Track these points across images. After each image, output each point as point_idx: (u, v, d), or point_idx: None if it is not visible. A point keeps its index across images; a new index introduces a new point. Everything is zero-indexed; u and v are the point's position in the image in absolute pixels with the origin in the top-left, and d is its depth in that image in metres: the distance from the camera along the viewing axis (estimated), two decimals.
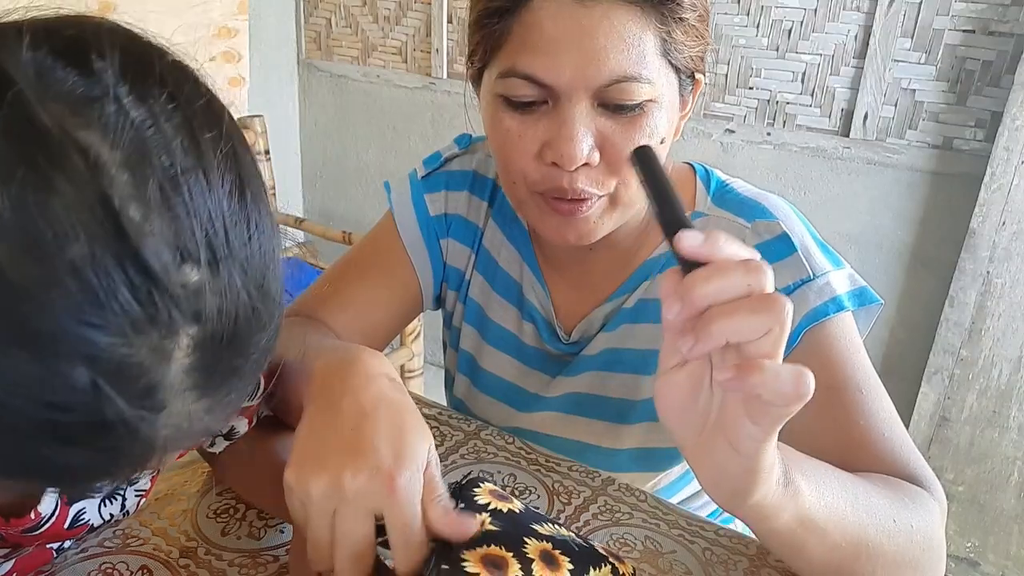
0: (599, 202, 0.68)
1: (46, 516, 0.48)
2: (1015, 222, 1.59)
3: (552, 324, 0.83)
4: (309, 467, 0.49)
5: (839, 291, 0.70)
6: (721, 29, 1.84)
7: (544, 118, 0.65)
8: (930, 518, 0.61)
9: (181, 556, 0.61)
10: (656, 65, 0.63)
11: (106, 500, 0.54)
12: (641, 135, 0.64)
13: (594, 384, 0.81)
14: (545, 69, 0.62)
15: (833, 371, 0.67)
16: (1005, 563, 1.76)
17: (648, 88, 0.63)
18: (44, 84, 0.29)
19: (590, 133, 0.64)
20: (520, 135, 0.66)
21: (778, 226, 0.73)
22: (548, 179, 0.66)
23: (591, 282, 0.81)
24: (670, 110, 0.67)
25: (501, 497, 0.57)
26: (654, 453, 0.80)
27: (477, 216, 0.86)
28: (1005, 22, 1.55)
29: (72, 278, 0.27)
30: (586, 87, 0.62)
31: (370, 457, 0.48)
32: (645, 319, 0.78)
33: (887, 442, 0.66)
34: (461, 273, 0.88)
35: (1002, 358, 1.68)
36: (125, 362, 0.28)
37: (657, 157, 0.48)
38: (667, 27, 0.63)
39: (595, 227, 0.70)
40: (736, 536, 0.67)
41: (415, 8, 2.28)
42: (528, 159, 0.66)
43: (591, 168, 0.65)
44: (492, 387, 0.88)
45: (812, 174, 1.83)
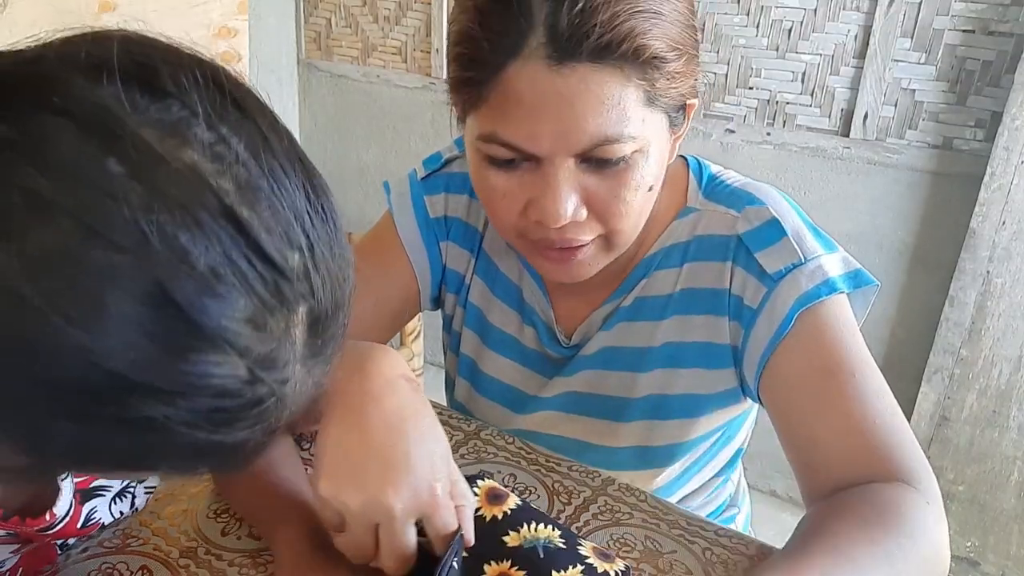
0: (591, 246, 0.68)
1: (61, 516, 0.48)
2: (1015, 222, 1.59)
3: (552, 328, 0.83)
4: (346, 483, 0.51)
5: (831, 274, 0.69)
6: (721, 29, 1.84)
7: (528, 175, 0.64)
8: (933, 538, 0.59)
9: (181, 556, 0.61)
10: (640, 117, 0.62)
11: (116, 498, 0.54)
12: (627, 189, 0.64)
13: (591, 382, 0.81)
14: (525, 139, 0.61)
15: (827, 354, 0.67)
16: (1005, 563, 1.76)
17: (631, 144, 0.62)
18: (134, 112, 0.32)
19: (575, 192, 0.63)
20: (504, 193, 0.66)
21: (767, 211, 0.73)
22: (536, 232, 0.67)
23: (591, 287, 0.80)
24: (659, 152, 0.66)
25: (495, 497, 0.58)
26: (653, 451, 0.80)
27: (477, 220, 0.86)
28: (1005, 22, 1.55)
29: (217, 281, 0.31)
30: (567, 152, 0.61)
31: (410, 474, 0.51)
32: (642, 317, 0.78)
33: (880, 430, 0.64)
34: (461, 277, 0.88)
35: (1002, 358, 1.68)
36: (267, 345, 0.33)
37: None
38: (649, 78, 0.61)
39: (589, 268, 0.70)
40: (736, 536, 0.67)
41: (415, 8, 2.28)
42: (514, 215, 0.67)
43: (578, 221, 0.65)
44: (492, 391, 0.88)
45: (812, 174, 1.83)
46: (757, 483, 2.03)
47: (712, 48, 1.86)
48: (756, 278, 0.71)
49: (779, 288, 0.69)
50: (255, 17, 2.32)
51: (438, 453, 0.54)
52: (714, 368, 0.76)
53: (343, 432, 0.53)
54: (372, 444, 0.52)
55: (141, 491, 0.56)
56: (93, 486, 0.52)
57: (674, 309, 0.76)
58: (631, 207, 0.65)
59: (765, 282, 0.70)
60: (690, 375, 0.77)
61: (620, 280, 0.79)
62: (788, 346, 0.68)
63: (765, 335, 0.70)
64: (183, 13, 2.09)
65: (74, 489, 0.49)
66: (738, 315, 0.73)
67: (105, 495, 0.53)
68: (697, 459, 0.84)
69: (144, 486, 0.57)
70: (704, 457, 0.85)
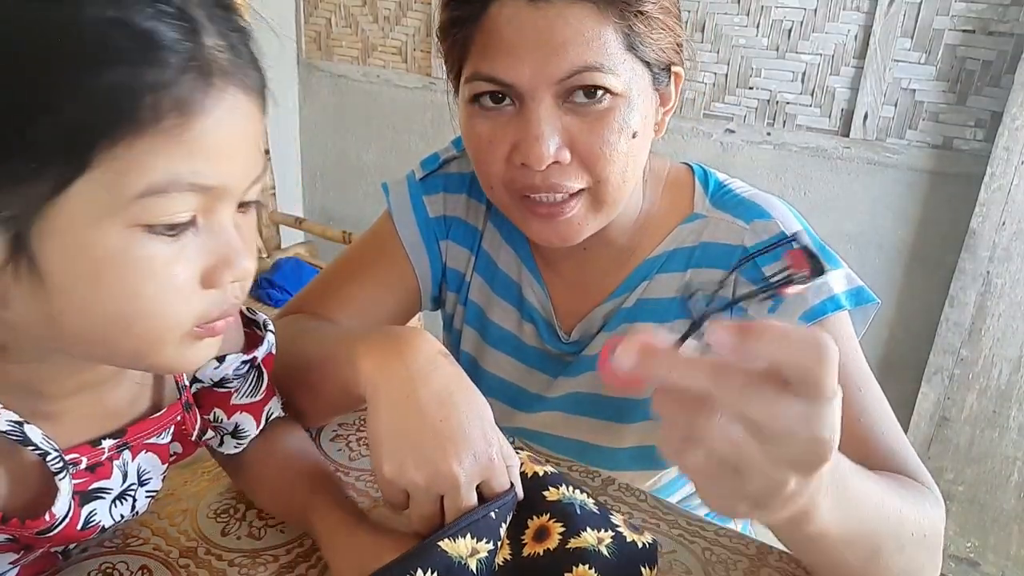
0: (581, 202, 0.68)
1: (60, 517, 0.48)
2: (1015, 222, 1.59)
3: (552, 324, 0.83)
4: (409, 461, 0.54)
5: (836, 290, 0.70)
6: (721, 29, 1.84)
7: (512, 121, 0.66)
8: (937, 522, 0.62)
9: (181, 556, 0.61)
10: (620, 58, 0.64)
11: (116, 501, 0.54)
12: (609, 131, 0.65)
13: (595, 383, 0.81)
14: (506, 69, 0.63)
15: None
16: (1005, 563, 1.76)
17: (612, 79, 0.64)
18: None
19: (556, 132, 0.65)
20: (490, 139, 0.67)
21: (775, 225, 0.74)
22: (521, 178, 0.67)
23: (589, 281, 0.81)
24: (643, 104, 0.67)
25: (534, 461, 0.63)
26: (654, 451, 0.81)
27: (476, 219, 0.86)
28: (1005, 22, 1.55)
29: None
30: (547, 82, 0.63)
31: (467, 443, 0.54)
32: (644, 318, 0.78)
33: (887, 440, 0.66)
34: (461, 275, 0.88)
35: (1002, 358, 1.68)
36: None
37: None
38: (627, 21, 0.64)
39: (579, 228, 0.70)
40: (736, 536, 0.67)
41: (415, 8, 2.28)
42: (500, 162, 0.68)
43: (563, 166, 0.66)
44: (493, 388, 0.88)
45: (812, 174, 1.83)
46: None
47: (712, 48, 1.86)
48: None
49: (783, 304, 0.70)
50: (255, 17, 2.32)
51: (487, 420, 0.57)
52: None
53: (397, 415, 0.56)
54: (427, 421, 0.54)
55: (143, 494, 0.56)
56: (92, 488, 0.52)
57: (678, 312, 0.77)
58: (615, 151, 0.66)
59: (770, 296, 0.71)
60: None
61: (621, 278, 0.79)
62: None
63: None
64: None
65: (72, 490, 0.49)
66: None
67: (105, 497, 0.53)
68: None
69: (146, 490, 0.57)
70: None
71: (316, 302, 0.83)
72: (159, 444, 0.57)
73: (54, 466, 0.47)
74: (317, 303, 0.83)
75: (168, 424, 0.57)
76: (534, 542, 0.57)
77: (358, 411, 0.82)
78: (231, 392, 0.62)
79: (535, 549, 0.56)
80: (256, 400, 0.63)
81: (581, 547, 0.55)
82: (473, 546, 0.53)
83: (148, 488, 0.57)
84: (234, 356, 0.59)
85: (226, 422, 0.62)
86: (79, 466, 0.50)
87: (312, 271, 2.15)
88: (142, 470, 0.56)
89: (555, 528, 0.57)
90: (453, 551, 0.52)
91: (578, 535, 0.56)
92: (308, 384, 0.68)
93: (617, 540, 0.57)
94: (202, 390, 0.61)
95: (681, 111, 1.92)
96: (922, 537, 0.58)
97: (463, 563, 0.52)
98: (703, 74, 1.89)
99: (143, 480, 0.56)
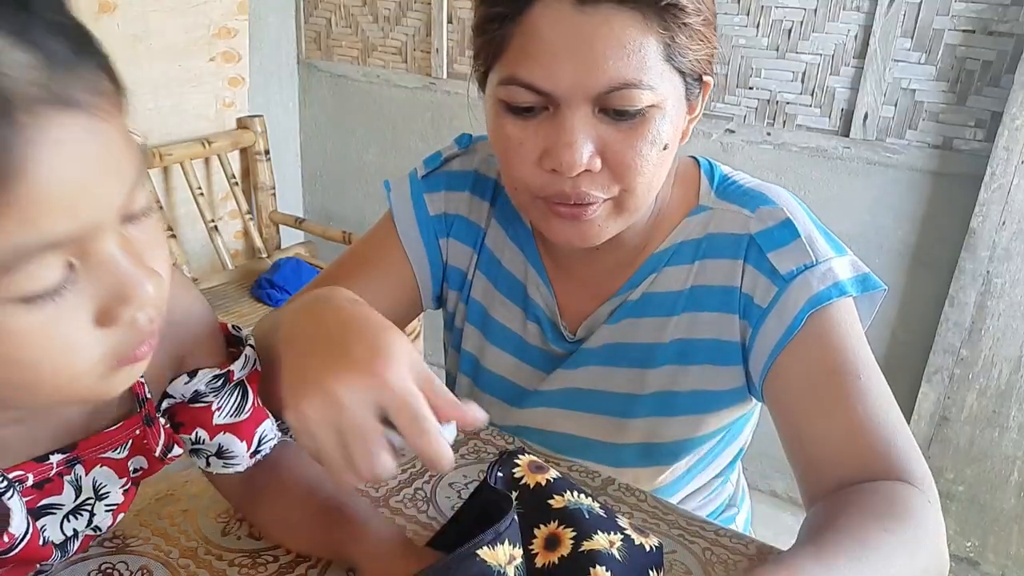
0: (604, 206, 0.68)
1: (19, 536, 0.47)
2: (1015, 222, 1.59)
3: (557, 324, 0.83)
4: (300, 395, 0.48)
5: (841, 276, 0.70)
6: (721, 29, 1.83)
7: (544, 124, 0.64)
8: (937, 536, 0.60)
9: (181, 556, 0.61)
10: (659, 70, 0.63)
11: (70, 516, 0.52)
12: (643, 142, 0.64)
13: (596, 379, 0.81)
14: (544, 77, 0.62)
15: (833, 356, 0.68)
16: (1005, 563, 1.76)
17: (650, 94, 0.62)
18: None
19: (590, 140, 0.63)
20: (521, 142, 0.66)
21: (781, 212, 0.74)
22: (550, 185, 0.66)
23: (597, 280, 0.81)
24: (675, 115, 0.66)
25: (537, 468, 0.60)
26: (659, 448, 0.81)
27: (479, 216, 0.86)
28: (1005, 22, 1.55)
29: None
30: (585, 94, 0.62)
31: (348, 358, 0.48)
32: (650, 313, 0.78)
33: (883, 430, 0.65)
34: (463, 273, 0.87)
35: (1002, 358, 1.68)
36: None
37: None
38: (670, 32, 0.62)
39: (600, 230, 0.70)
40: (736, 536, 0.67)
41: (415, 8, 2.28)
42: (529, 166, 0.66)
43: (593, 174, 0.65)
44: (493, 386, 0.88)
45: (812, 174, 1.83)
46: (757, 483, 2.03)
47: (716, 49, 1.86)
48: (767, 277, 0.72)
49: (790, 288, 0.70)
50: (255, 17, 2.32)
51: (389, 340, 0.49)
52: (723, 365, 0.76)
53: (294, 357, 0.52)
54: (318, 353, 0.50)
55: (102, 508, 0.54)
56: (41, 505, 0.50)
57: (685, 305, 0.77)
58: (646, 162, 0.65)
59: (776, 282, 0.71)
60: (699, 371, 0.77)
61: (628, 274, 0.79)
62: (796, 346, 0.69)
63: (774, 335, 0.70)
64: (183, 13, 2.09)
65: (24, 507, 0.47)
66: (747, 313, 0.73)
67: (56, 513, 0.51)
68: (701, 458, 0.84)
69: (105, 504, 0.54)
70: (708, 456, 0.85)
71: None
72: (114, 459, 0.54)
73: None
74: None
75: (124, 439, 0.54)
76: (546, 551, 0.55)
77: None
78: (211, 410, 0.58)
79: (549, 558, 0.55)
80: (241, 420, 0.59)
81: (595, 549, 0.55)
82: (510, 552, 0.51)
83: (108, 502, 0.54)
84: (205, 371, 0.56)
85: (208, 443, 0.58)
86: (25, 483, 0.48)
87: (312, 271, 2.15)
88: (98, 484, 0.53)
89: (566, 534, 0.56)
90: (492, 559, 0.50)
91: (590, 538, 0.55)
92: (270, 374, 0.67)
93: (627, 543, 0.57)
94: (178, 406, 0.57)
95: None
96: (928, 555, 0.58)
97: (502, 572, 0.50)
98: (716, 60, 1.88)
99: (101, 494, 0.54)
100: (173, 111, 2.14)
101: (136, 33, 1.98)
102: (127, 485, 0.56)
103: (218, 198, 2.32)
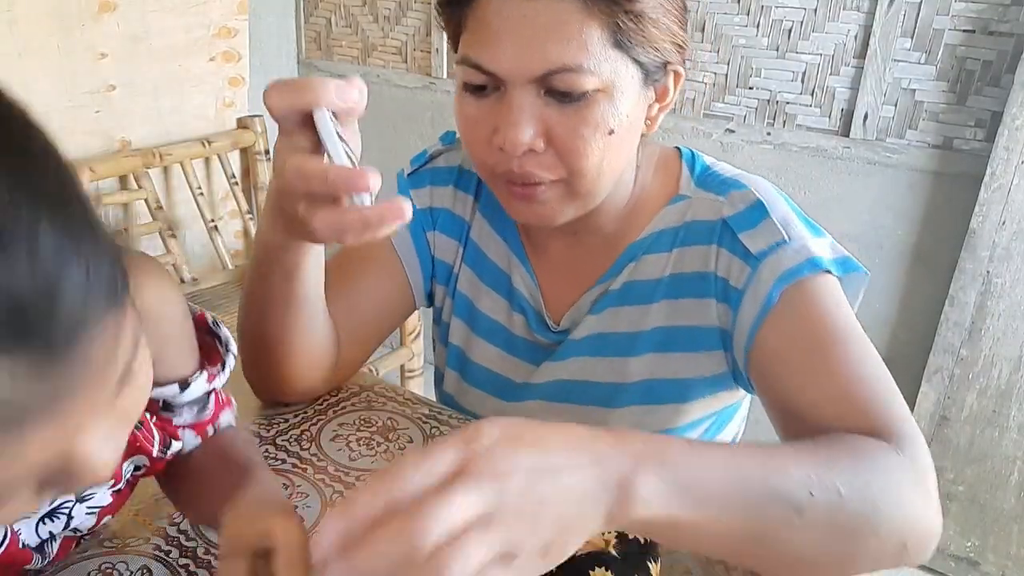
0: (553, 190, 0.70)
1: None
2: (1015, 222, 1.59)
3: (541, 314, 0.83)
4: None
5: (816, 253, 0.70)
6: (721, 29, 1.84)
7: (495, 104, 0.68)
8: (885, 476, 0.54)
9: (181, 556, 0.61)
10: (604, 56, 0.64)
11: (45, 519, 0.51)
12: (586, 126, 0.66)
13: (582, 370, 0.81)
14: (490, 59, 0.65)
15: (812, 326, 0.67)
16: (1005, 563, 1.76)
17: (592, 79, 0.64)
18: None
19: (534, 120, 0.66)
20: (476, 120, 0.69)
21: (751, 194, 0.74)
22: (500, 163, 0.69)
23: (578, 269, 0.82)
24: (626, 103, 0.67)
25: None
26: None
27: (464, 210, 0.87)
28: (1005, 22, 1.55)
29: None
30: (526, 76, 0.65)
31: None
32: (631, 301, 0.79)
33: (866, 390, 0.62)
34: (449, 267, 0.88)
35: (1002, 358, 1.68)
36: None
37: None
38: (615, 18, 0.64)
39: (554, 212, 0.72)
40: None
41: (415, 8, 2.28)
42: (483, 144, 0.69)
43: (538, 154, 0.67)
44: (481, 379, 0.88)
45: (812, 174, 1.83)
46: None
47: (712, 48, 1.86)
48: (741, 259, 0.72)
49: (762, 267, 0.70)
50: (255, 17, 2.32)
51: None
52: (704, 351, 0.76)
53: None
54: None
55: (82, 511, 0.53)
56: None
57: (663, 293, 0.77)
58: (590, 146, 0.67)
59: (749, 262, 0.71)
60: (680, 359, 0.78)
61: (609, 262, 0.80)
62: (773, 321, 0.69)
63: (751, 314, 0.70)
64: (183, 13, 2.09)
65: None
66: (725, 297, 0.74)
67: (31, 516, 0.50)
68: None
69: (87, 505, 0.53)
70: None
71: None
72: None
73: None
74: None
75: None
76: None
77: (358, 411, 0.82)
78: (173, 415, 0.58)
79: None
80: (202, 420, 0.59)
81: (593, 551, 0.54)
82: None
83: (91, 504, 0.54)
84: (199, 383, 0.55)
85: (174, 444, 0.58)
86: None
87: None
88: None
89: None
90: None
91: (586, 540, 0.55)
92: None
93: (619, 538, 0.57)
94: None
95: (681, 111, 1.92)
96: (836, 495, 0.50)
97: None
98: (703, 74, 1.89)
99: (83, 496, 0.53)
100: (173, 111, 2.14)
101: (136, 33, 1.98)
102: (118, 486, 0.56)
103: (218, 198, 2.32)
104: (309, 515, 0.66)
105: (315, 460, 0.73)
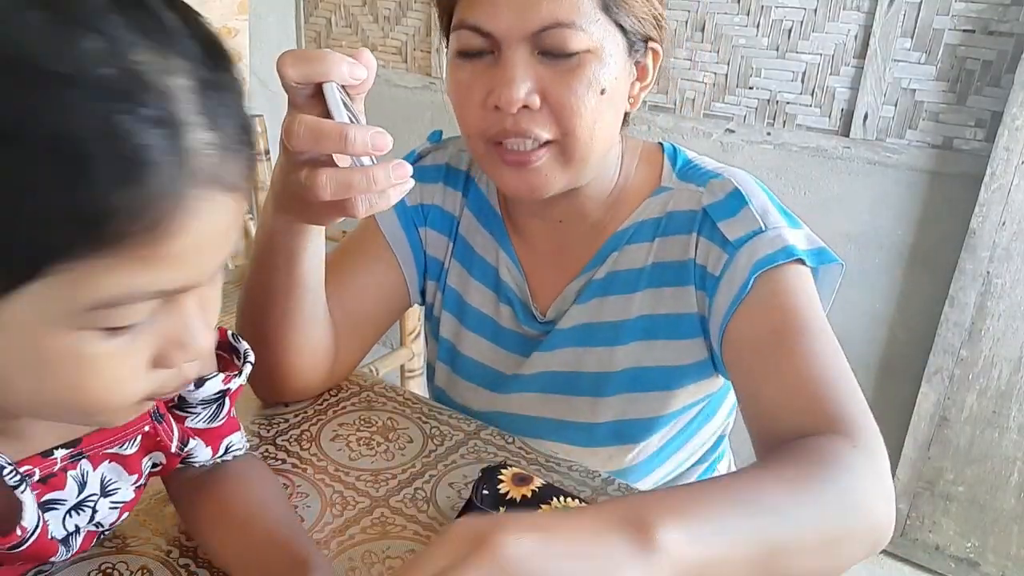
0: (548, 153, 0.71)
1: (31, 530, 0.47)
2: (1015, 222, 1.59)
3: (528, 305, 0.85)
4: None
5: (791, 242, 0.71)
6: (721, 29, 1.84)
7: (490, 67, 0.70)
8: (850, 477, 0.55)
9: (181, 556, 0.61)
10: (594, 17, 0.68)
11: (72, 512, 0.52)
12: (580, 83, 0.69)
13: (571, 360, 0.82)
14: (486, 18, 0.68)
15: (780, 316, 0.68)
16: (1005, 563, 1.76)
17: (583, 36, 0.67)
18: None
19: (529, 78, 0.68)
20: (469, 85, 0.71)
21: (730, 184, 0.76)
22: (495, 123, 0.71)
23: (564, 258, 0.83)
24: (614, 66, 0.70)
25: (521, 480, 0.62)
26: (631, 425, 0.82)
27: (453, 206, 0.89)
28: (1005, 22, 1.55)
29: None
30: (522, 34, 0.68)
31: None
32: (615, 291, 0.80)
33: (824, 384, 0.62)
34: (440, 263, 0.90)
35: (1002, 358, 1.68)
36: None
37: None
38: None
39: (547, 180, 0.73)
40: None
41: (415, 8, 2.29)
42: (476, 108, 0.71)
43: (533, 112, 0.69)
44: (470, 372, 0.89)
45: (812, 174, 1.83)
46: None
47: (712, 48, 1.86)
48: (719, 246, 0.74)
49: (739, 254, 0.72)
50: (255, 17, 2.32)
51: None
52: (685, 339, 0.78)
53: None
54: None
55: (106, 505, 0.54)
56: (44, 500, 0.50)
57: (647, 282, 0.79)
58: (583, 104, 0.69)
59: (727, 249, 0.73)
60: (664, 347, 0.79)
61: (593, 252, 0.81)
62: (745, 309, 0.70)
63: (726, 301, 0.72)
64: None
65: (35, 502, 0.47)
66: (703, 284, 0.75)
67: (58, 508, 0.51)
68: (674, 436, 0.85)
69: (111, 500, 0.54)
70: (680, 437, 0.86)
71: None
72: (123, 455, 0.54)
73: (11, 480, 0.45)
74: None
75: (132, 434, 0.54)
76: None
77: (358, 411, 0.82)
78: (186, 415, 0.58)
79: None
80: (213, 427, 0.59)
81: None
82: None
83: (114, 499, 0.54)
84: (214, 382, 0.55)
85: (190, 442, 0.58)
86: (32, 478, 0.48)
87: None
88: (106, 480, 0.53)
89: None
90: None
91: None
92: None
93: None
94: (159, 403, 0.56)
95: (681, 111, 1.93)
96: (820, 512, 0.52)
97: None
98: (703, 74, 1.89)
99: (107, 491, 0.54)
100: None
101: None
102: (139, 482, 0.57)
103: None
104: (309, 515, 0.66)
105: (315, 460, 0.74)
